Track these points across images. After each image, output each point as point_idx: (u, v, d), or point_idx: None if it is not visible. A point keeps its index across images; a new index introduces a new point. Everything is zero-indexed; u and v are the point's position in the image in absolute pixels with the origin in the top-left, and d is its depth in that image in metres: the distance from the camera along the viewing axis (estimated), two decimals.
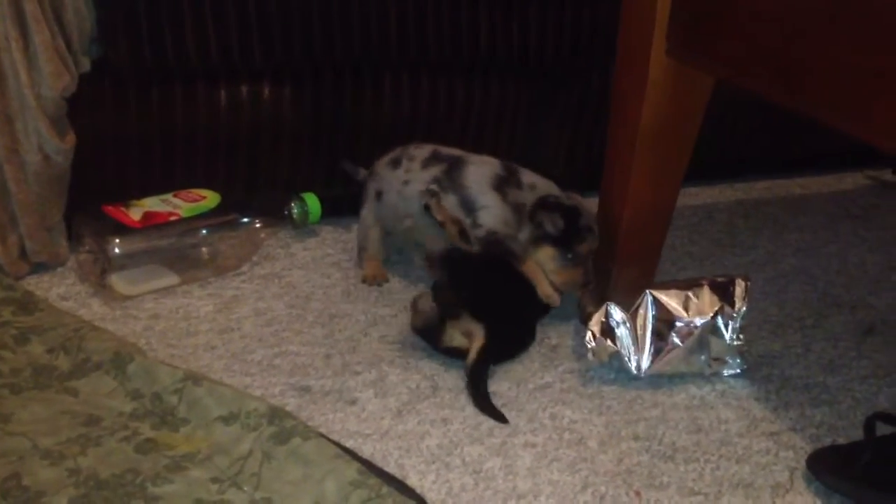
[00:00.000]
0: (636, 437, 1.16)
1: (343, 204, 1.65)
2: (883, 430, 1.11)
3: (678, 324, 1.24)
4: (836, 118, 1.03)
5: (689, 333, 1.24)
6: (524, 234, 1.36)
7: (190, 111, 1.52)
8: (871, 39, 0.97)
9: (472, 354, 1.23)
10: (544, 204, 1.35)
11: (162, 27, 1.45)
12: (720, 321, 1.25)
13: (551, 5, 1.61)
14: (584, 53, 1.67)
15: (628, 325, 1.25)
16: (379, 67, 1.59)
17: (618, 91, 1.38)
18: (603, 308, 1.26)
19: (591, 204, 1.43)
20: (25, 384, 1.16)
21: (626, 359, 1.25)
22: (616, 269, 1.43)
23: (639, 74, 1.29)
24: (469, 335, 1.25)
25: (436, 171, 1.41)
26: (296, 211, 1.58)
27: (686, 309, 1.24)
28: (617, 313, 1.25)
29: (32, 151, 1.39)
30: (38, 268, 1.45)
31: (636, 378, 1.26)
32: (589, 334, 1.26)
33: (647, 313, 1.25)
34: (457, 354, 1.26)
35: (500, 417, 1.17)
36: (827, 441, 1.17)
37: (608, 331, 1.25)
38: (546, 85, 1.70)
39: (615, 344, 1.25)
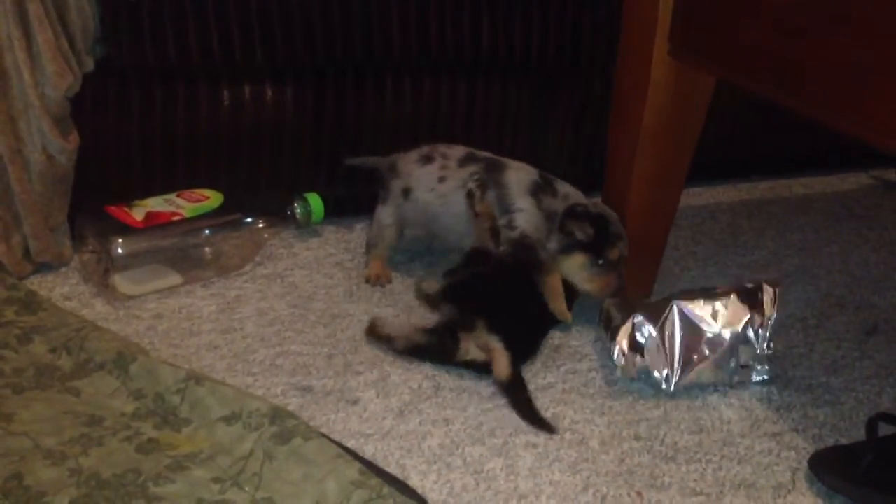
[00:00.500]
0: (638, 438, 1.16)
1: (346, 203, 1.65)
2: (886, 430, 1.11)
3: (708, 336, 1.22)
4: (835, 118, 1.03)
5: (719, 345, 1.22)
6: (553, 244, 1.35)
7: (192, 111, 1.52)
8: (869, 38, 0.97)
9: (503, 369, 1.21)
10: (573, 213, 1.35)
11: (164, 27, 1.45)
12: (750, 331, 1.23)
13: (553, 6, 1.61)
14: (586, 54, 1.67)
15: (656, 338, 1.22)
16: (381, 68, 1.59)
17: (619, 92, 1.38)
18: (629, 322, 1.24)
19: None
20: (28, 384, 1.16)
21: (656, 374, 1.23)
22: None
23: (640, 75, 1.29)
24: (486, 348, 1.24)
25: (475, 167, 1.41)
26: (299, 211, 1.58)
27: (715, 319, 1.23)
28: (645, 327, 1.23)
29: (36, 151, 1.39)
30: (42, 268, 1.46)
31: (664, 392, 1.24)
32: (617, 350, 1.23)
33: (675, 326, 1.22)
34: (473, 367, 1.25)
35: (548, 427, 1.15)
36: (829, 441, 1.16)
37: (636, 345, 1.23)
38: (548, 86, 1.70)
39: (644, 358, 1.23)
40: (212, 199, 1.49)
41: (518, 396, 1.20)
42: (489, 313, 1.26)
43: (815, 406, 1.24)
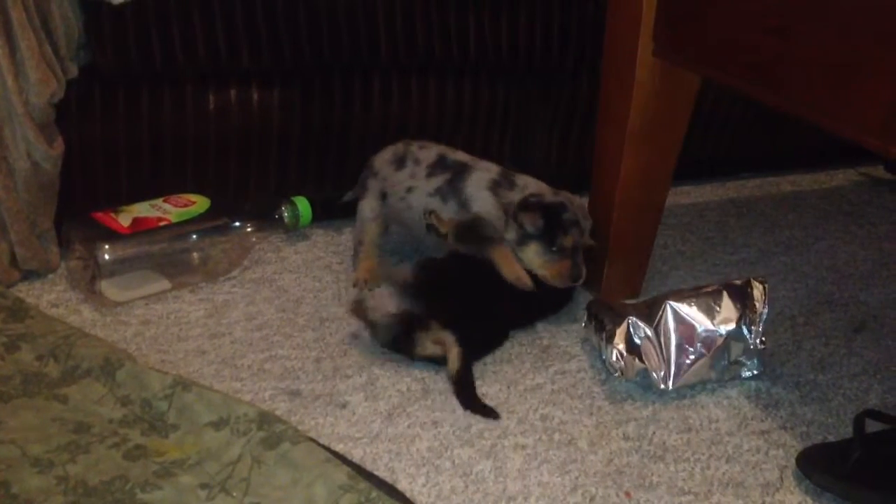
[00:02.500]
0: (626, 438, 1.16)
1: (334, 206, 1.65)
2: (873, 427, 1.11)
3: (703, 334, 1.22)
4: (817, 115, 1.04)
5: (714, 342, 1.23)
6: (510, 235, 1.35)
7: (179, 116, 1.52)
8: (849, 35, 0.97)
9: (454, 364, 1.23)
10: (525, 205, 1.35)
11: (149, 31, 1.45)
12: (744, 327, 1.23)
13: (540, 6, 1.61)
14: (573, 54, 1.67)
15: (653, 339, 1.22)
16: (368, 70, 1.59)
17: (605, 92, 1.38)
18: (625, 324, 1.24)
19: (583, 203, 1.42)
20: (15, 392, 1.16)
21: (654, 374, 1.23)
22: (606, 269, 1.43)
23: (625, 75, 1.30)
24: (440, 343, 1.25)
25: (440, 180, 1.41)
26: (287, 214, 1.58)
27: (709, 317, 1.23)
28: (640, 328, 1.23)
29: (21, 158, 1.39)
30: (29, 275, 1.45)
31: (658, 392, 1.24)
32: (615, 353, 1.23)
33: (670, 326, 1.22)
34: (432, 361, 1.27)
35: (492, 414, 1.17)
36: (817, 439, 1.17)
37: (633, 348, 1.23)
38: (536, 86, 1.70)
39: (642, 361, 1.23)
40: (198, 203, 1.49)
41: (464, 389, 1.21)
42: (444, 311, 1.26)
43: (802, 403, 1.24)
